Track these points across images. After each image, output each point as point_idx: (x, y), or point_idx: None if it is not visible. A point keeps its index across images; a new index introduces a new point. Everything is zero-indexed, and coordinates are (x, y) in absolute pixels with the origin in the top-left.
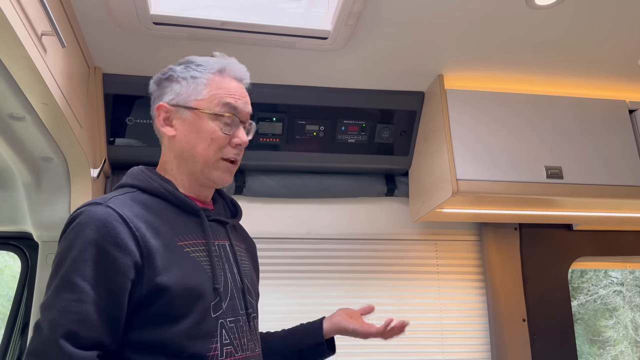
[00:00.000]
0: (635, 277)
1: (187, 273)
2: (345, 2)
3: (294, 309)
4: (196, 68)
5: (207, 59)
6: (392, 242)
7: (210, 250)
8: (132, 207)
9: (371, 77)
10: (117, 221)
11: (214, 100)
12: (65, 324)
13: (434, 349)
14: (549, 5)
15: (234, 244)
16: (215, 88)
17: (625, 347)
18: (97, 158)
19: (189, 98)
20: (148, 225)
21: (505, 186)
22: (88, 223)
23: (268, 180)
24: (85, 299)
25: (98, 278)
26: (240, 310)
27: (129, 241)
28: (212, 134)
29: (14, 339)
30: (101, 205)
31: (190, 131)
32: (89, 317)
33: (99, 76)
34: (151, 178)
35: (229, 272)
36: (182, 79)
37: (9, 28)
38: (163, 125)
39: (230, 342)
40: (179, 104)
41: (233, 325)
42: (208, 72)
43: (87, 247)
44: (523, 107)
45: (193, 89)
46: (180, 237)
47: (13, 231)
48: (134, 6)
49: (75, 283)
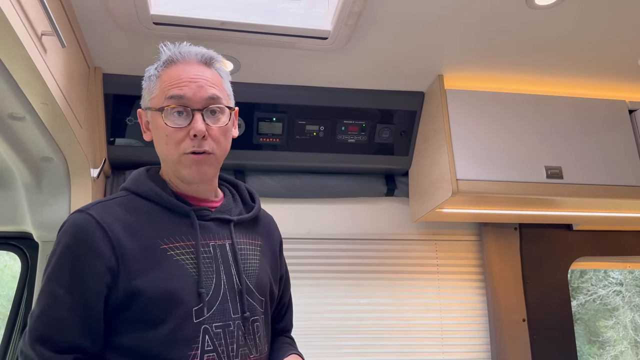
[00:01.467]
0: (634, 277)
1: (165, 277)
2: (345, 2)
3: (294, 308)
4: (156, 65)
5: (170, 52)
6: (392, 242)
7: (198, 252)
8: (115, 212)
9: (371, 77)
10: (93, 226)
11: (162, 94)
12: (40, 327)
13: (434, 349)
14: (549, 5)
15: (236, 243)
16: (163, 81)
17: (625, 348)
18: (97, 158)
19: (147, 98)
20: (127, 229)
21: (505, 186)
22: (67, 231)
23: (268, 180)
24: (60, 303)
25: (73, 283)
26: (233, 314)
27: (104, 246)
28: (164, 130)
29: (14, 339)
30: (82, 212)
31: (154, 132)
32: (64, 321)
33: (99, 76)
34: (142, 181)
35: (224, 273)
36: (146, 79)
37: (9, 28)
38: (144, 130)
39: (213, 348)
40: (145, 106)
41: (220, 331)
42: (160, 67)
43: (64, 253)
44: (523, 107)
45: (149, 88)
46: (165, 240)
47: (13, 231)
48: (134, 6)
49: (52, 289)
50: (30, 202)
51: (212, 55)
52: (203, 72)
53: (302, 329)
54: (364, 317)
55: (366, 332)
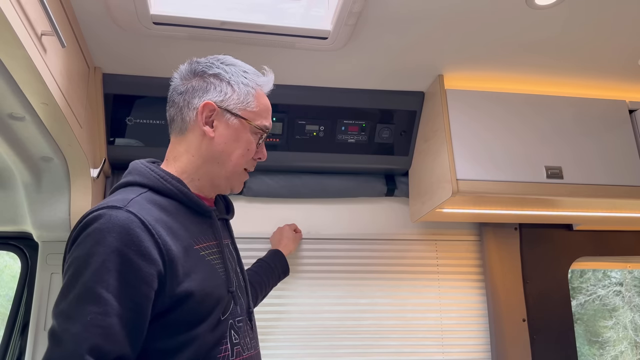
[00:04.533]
0: (634, 277)
1: (205, 277)
2: (345, 2)
3: (293, 308)
4: (244, 75)
5: (250, 67)
6: (392, 242)
7: (223, 252)
8: (151, 211)
9: (371, 77)
10: (140, 228)
11: (261, 114)
12: (91, 338)
13: (434, 349)
14: (549, 5)
15: (235, 242)
16: (261, 103)
17: (625, 348)
18: (97, 158)
19: (239, 105)
20: (168, 230)
21: (505, 186)
22: (109, 229)
23: (268, 180)
24: (110, 311)
25: (123, 289)
26: (244, 309)
27: (153, 249)
28: (249, 145)
29: (14, 339)
30: (121, 209)
31: (231, 137)
32: (114, 330)
33: (99, 76)
34: (163, 178)
35: (234, 272)
36: (234, 82)
37: (9, 28)
38: (204, 123)
39: (238, 341)
40: (228, 107)
41: (241, 325)
42: (255, 83)
43: (110, 255)
44: (523, 107)
45: (244, 97)
46: (196, 240)
47: (13, 231)
48: (133, 6)
49: (100, 295)
50: (30, 202)
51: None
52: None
53: (301, 329)
54: (363, 317)
55: (366, 332)
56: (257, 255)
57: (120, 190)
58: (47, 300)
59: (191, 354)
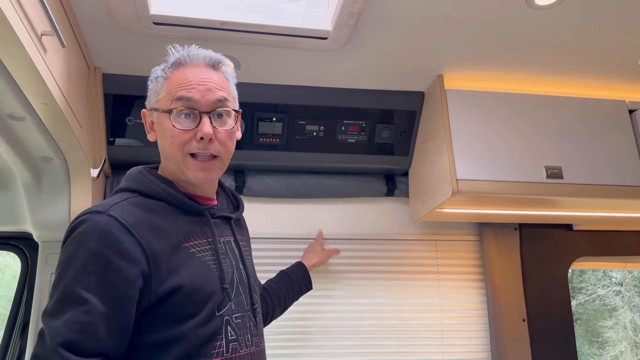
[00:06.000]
0: (634, 277)
1: (194, 274)
2: (345, 2)
3: (293, 308)
4: (160, 66)
5: (180, 54)
6: (392, 242)
7: (217, 249)
8: (135, 213)
9: (371, 77)
10: (120, 230)
11: (170, 96)
12: (67, 332)
13: (434, 349)
14: (549, 5)
15: (238, 240)
16: (172, 82)
17: (625, 348)
18: (97, 158)
19: (153, 99)
20: (152, 229)
21: (505, 186)
22: (90, 233)
23: (268, 180)
24: (91, 310)
25: (103, 289)
26: (246, 306)
27: (134, 249)
28: (171, 131)
29: (13, 339)
30: (102, 213)
31: (159, 133)
32: (94, 327)
33: (99, 76)
34: (152, 182)
35: (236, 268)
36: (152, 79)
37: (9, 28)
38: (148, 130)
39: (235, 338)
40: (150, 107)
41: (239, 322)
42: (168, 68)
43: (89, 258)
44: (523, 107)
45: (158, 88)
46: (186, 238)
47: (13, 231)
48: (134, 6)
49: (80, 294)
50: (30, 202)
51: (220, 59)
52: (211, 75)
53: (302, 329)
54: (363, 317)
55: (366, 332)
56: (257, 255)
57: (113, 197)
58: (47, 300)
59: (182, 348)
